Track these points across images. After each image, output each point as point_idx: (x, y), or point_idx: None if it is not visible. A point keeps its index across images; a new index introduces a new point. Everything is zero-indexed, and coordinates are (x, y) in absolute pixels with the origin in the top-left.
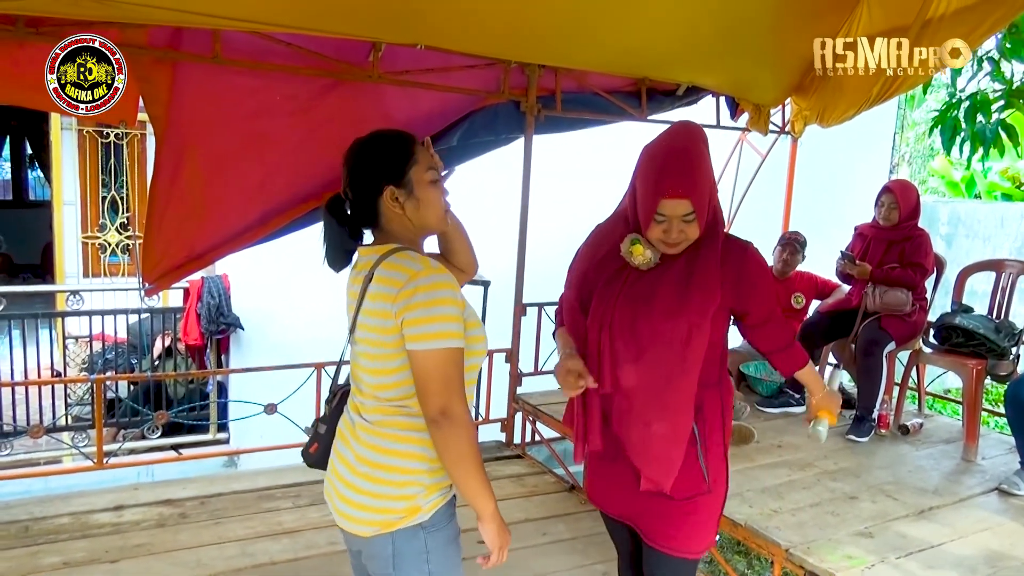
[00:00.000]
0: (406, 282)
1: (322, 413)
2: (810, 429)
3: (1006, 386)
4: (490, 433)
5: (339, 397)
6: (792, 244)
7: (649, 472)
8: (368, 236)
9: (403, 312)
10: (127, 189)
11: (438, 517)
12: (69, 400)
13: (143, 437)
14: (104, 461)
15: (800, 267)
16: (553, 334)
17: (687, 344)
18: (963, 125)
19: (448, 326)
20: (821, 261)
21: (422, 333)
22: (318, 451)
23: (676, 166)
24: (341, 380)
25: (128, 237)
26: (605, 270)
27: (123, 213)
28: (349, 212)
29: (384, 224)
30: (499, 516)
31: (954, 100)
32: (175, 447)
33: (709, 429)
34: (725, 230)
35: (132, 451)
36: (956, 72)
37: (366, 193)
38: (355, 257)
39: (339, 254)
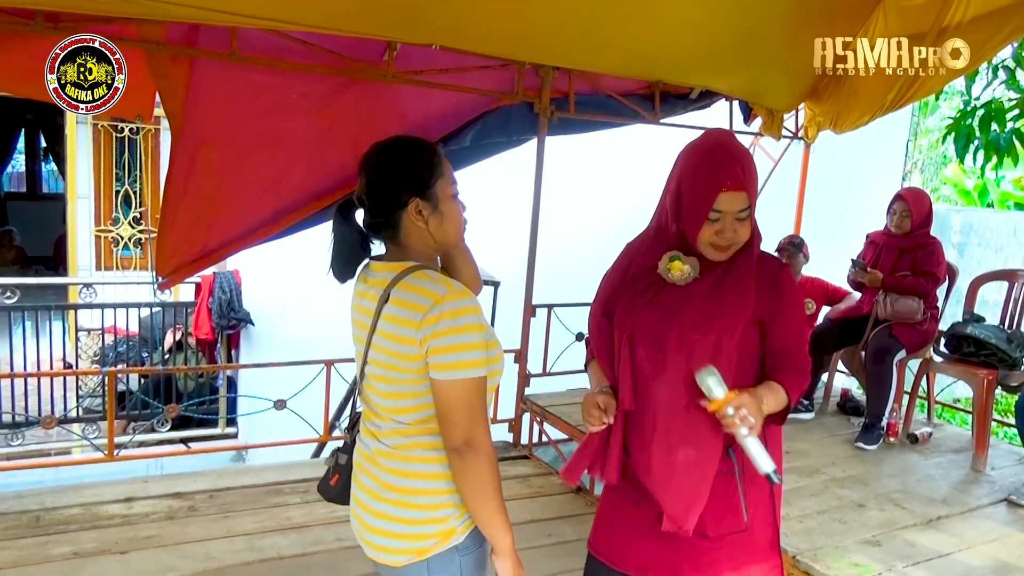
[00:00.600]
0: (430, 307)
1: (343, 443)
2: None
3: (1016, 396)
4: (497, 433)
5: (358, 425)
6: (787, 248)
7: (670, 506)
8: (377, 246)
9: (428, 340)
10: (140, 183)
11: (471, 539)
12: (80, 392)
13: (153, 430)
14: (115, 453)
15: (810, 273)
16: (585, 366)
17: (717, 354)
18: (977, 133)
19: (473, 354)
20: (832, 267)
21: (448, 363)
22: (339, 483)
23: (735, 158)
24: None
25: (141, 231)
26: (635, 285)
27: (136, 207)
28: (365, 220)
29: (403, 238)
30: (515, 552)
31: (969, 108)
32: (184, 440)
33: (747, 460)
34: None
35: (142, 444)
36: (971, 80)
37: (388, 204)
38: (362, 269)
39: (348, 265)
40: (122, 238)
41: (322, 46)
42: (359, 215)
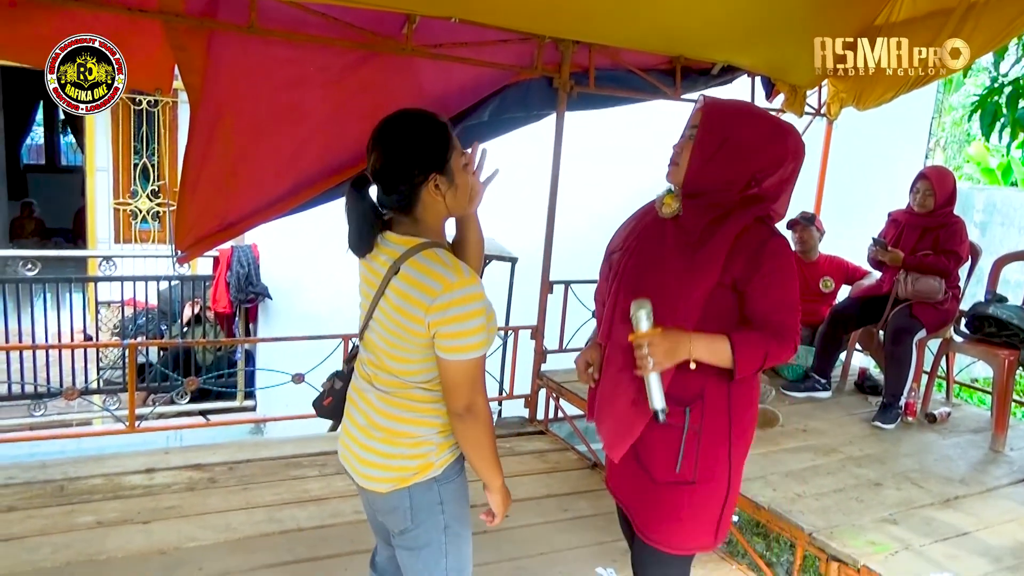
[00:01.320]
0: (440, 293)
1: (340, 369)
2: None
3: None
4: (513, 409)
5: (356, 357)
6: (798, 223)
7: (603, 434)
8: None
9: (437, 325)
10: (159, 156)
11: (449, 470)
12: (101, 364)
13: (172, 402)
14: (135, 425)
15: (830, 251)
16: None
17: (675, 309)
18: (1004, 111)
19: (478, 337)
20: (853, 246)
21: (455, 346)
22: (331, 405)
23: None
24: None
25: (159, 204)
26: (634, 230)
27: (155, 180)
28: (379, 195)
29: (419, 212)
30: (505, 487)
31: (996, 85)
32: (203, 413)
33: (708, 421)
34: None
35: (161, 415)
36: (1000, 56)
37: (407, 180)
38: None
39: (366, 239)
40: (140, 211)
41: (341, 19)
42: (372, 191)
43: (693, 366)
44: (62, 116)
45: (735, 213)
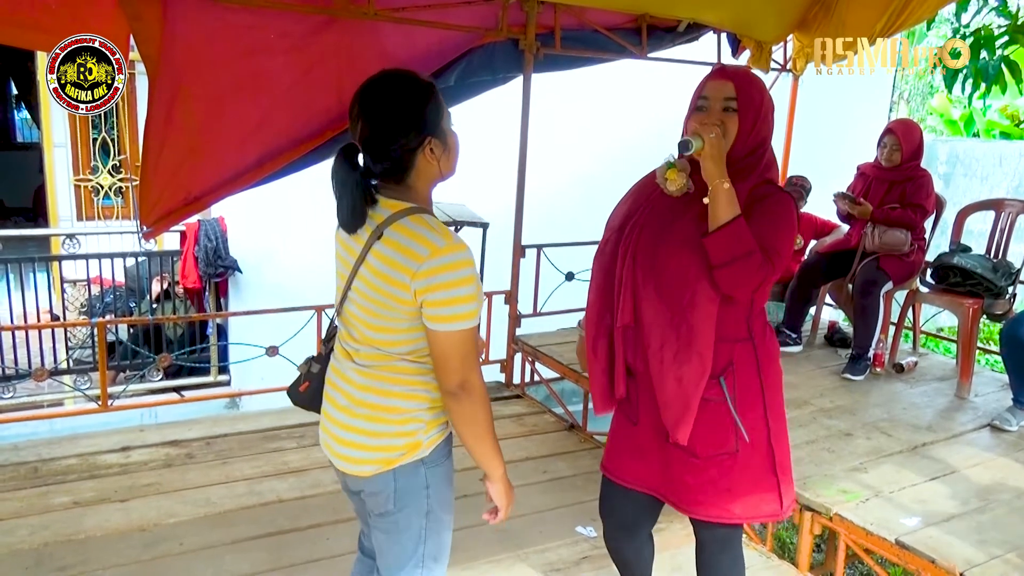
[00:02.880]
0: (427, 258)
1: (317, 353)
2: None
3: (1002, 325)
4: (490, 374)
5: (333, 337)
6: (798, 189)
7: (665, 417)
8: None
9: (425, 292)
10: (118, 130)
11: (437, 453)
12: (70, 344)
13: (144, 379)
14: (108, 403)
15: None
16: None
17: (698, 278)
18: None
19: (468, 306)
20: (822, 202)
21: (444, 315)
22: (309, 390)
23: (726, 66)
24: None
25: (121, 179)
26: (639, 199)
27: (115, 155)
28: (367, 163)
29: (412, 178)
30: (506, 478)
31: (958, 36)
32: (177, 389)
33: (742, 387)
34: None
35: (135, 394)
36: (962, 7)
37: (401, 146)
38: None
39: (357, 214)
40: (102, 187)
41: None
42: (360, 159)
43: (726, 186)
44: (15, 92)
45: (744, 178)
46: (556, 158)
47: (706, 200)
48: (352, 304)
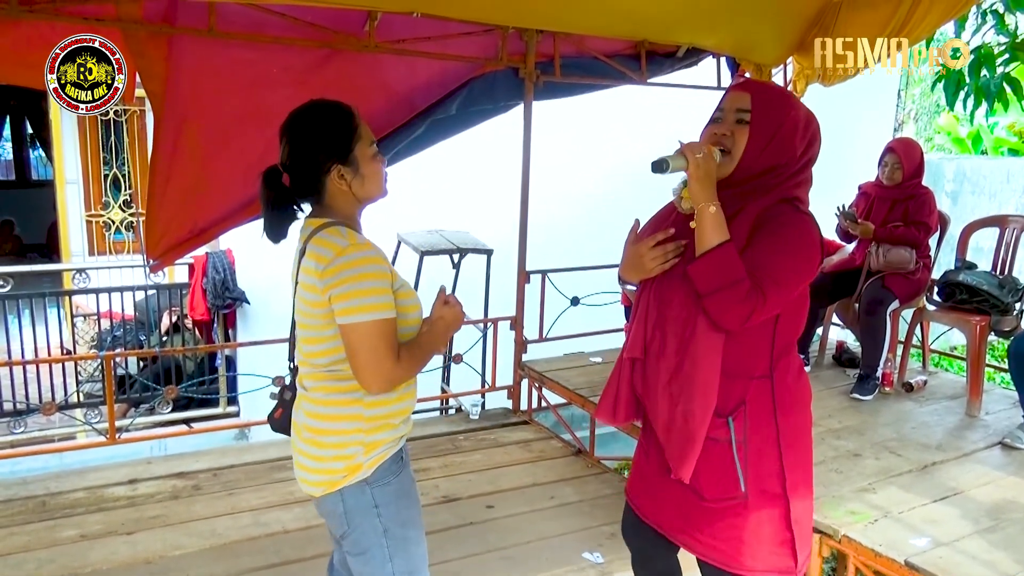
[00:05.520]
0: (332, 258)
1: (287, 381)
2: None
3: (1010, 341)
4: (496, 400)
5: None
6: None
7: (670, 455)
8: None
9: (329, 288)
10: (129, 166)
11: (381, 472)
12: (80, 377)
13: (153, 412)
14: (116, 436)
15: None
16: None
17: (701, 309)
18: (967, 79)
19: (374, 299)
20: (826, 220)
21: (349, 307)
22: (282, 416)
23: (749, 80)
24: None
25: (132, 214)
26: (662, 220)
27: (126, 190)
28: (289, 184)
29: (327, 200)
30: (447, 332)
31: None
32: (187, 421)
33: (754, 430)
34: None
35: (144, 426)
36: (960, 25)
37: (311, 170)
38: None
39: (278, 227)
40: (113, 222)
41: (302, 18)
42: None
43: (712, 210)
44: (30, 130)
45: (759, 197)
46: (559, 184)
47: (693, 224)
48: (296, 323)
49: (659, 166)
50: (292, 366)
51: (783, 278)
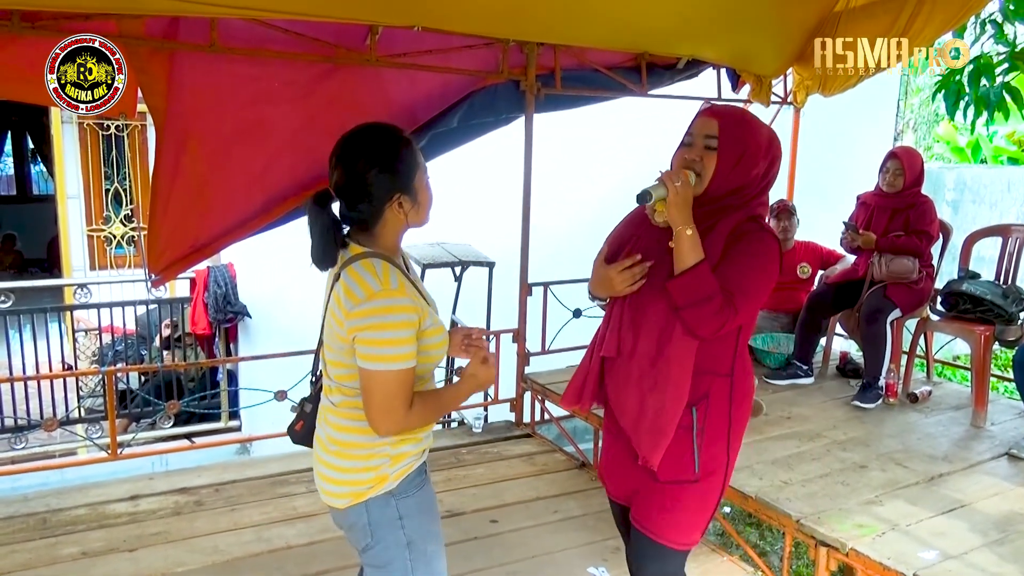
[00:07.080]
0: (361, 300)
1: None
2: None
3: (1014, 351)
4: (499, 413)
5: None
6: (785, 211)
7: (639, 444)
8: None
9: (354, 331)
10: (130, 181)
11: (406, 484)
12: (81, 392)
13: (154, 427)
14: (118, 452)
15: (804, 237)
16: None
17: (677, 316)
18: (967, 89)
19: (395, 350)
20: (826, 230)
21: (370, 354)
22: (303, 429)
23: (718, 106)
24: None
25: (133, 229)
26: (632, 228)
27: (127, 205)
28: (341, 211)
29: (378, 228)
30: (472, 389)
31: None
32: (188, 436)
33: (712, 419)
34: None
35: (145, 441)
36: (959, 35)
37: (371, 200)
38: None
39: (328, 254)
40: (115, 236)
41: (304, 33)
42: (335, 206)
43: (689, 232)
44: (31, 145)
45: (729, 214)
46: (560, 195)
47: (672, 244)
48: (325, 344)
49: (643, 197)
50: (314, 379)
51: (753, 293)
